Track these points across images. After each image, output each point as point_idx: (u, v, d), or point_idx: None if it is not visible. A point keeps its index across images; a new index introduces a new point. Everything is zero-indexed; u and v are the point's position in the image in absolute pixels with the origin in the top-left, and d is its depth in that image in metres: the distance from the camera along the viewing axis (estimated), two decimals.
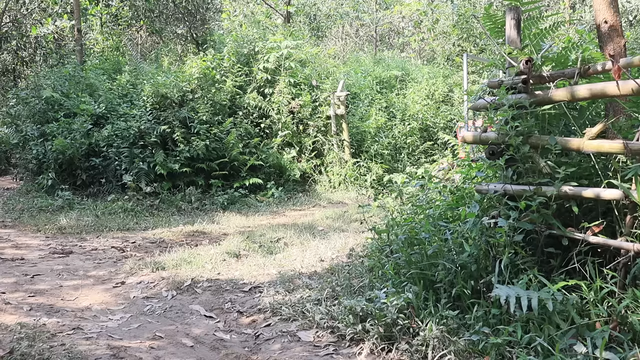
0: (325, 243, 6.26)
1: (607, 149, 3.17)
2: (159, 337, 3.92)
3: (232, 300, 4.64)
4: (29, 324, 4.00)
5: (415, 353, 3.24)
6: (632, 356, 2.72)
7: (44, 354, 3.42)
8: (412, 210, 4.96)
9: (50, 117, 10.89)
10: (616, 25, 3.69)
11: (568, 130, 3.75)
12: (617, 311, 2.94)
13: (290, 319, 4.05)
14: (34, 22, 16.97)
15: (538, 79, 3.56)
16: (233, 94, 11.90)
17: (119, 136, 10.30)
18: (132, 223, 8.48)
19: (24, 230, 8.15)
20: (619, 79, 3.01)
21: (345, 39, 25.02)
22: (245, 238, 6.74)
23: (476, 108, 4.03)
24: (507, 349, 3.01)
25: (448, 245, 3.86)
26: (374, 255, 4.70)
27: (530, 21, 3.92)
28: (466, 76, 9.71)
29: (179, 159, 10.26)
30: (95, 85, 11.72)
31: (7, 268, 5.82)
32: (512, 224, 3.35)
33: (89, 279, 5.47)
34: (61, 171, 10.53)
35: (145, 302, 4.73)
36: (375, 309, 3.63)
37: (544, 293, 2.97)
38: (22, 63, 17.83)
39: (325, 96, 12.16)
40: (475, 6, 17.20)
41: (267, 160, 11.29)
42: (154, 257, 6.14)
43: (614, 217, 3.26)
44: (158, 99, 10.77)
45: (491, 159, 3.67)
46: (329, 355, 3.48)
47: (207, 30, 16.39)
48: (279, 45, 12.33)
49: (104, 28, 16.62)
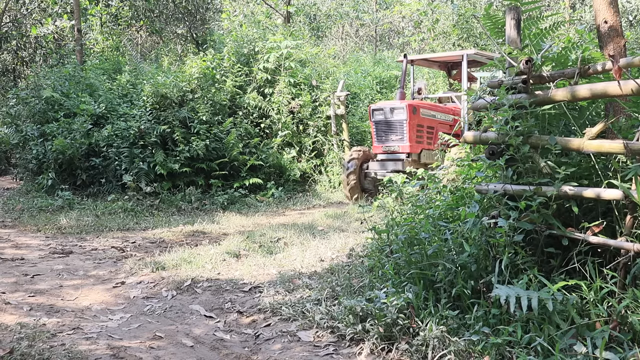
0: (325, 243, 6.26)
1: (607, 149, 3.17)
2: (159, 337, 3.92)
3: (232, 300, 4.64)
4: (29, 324, 4.00)
5: (415, 353, 3.24)
6: (632, 356, 2.72)
7: (44, 354, 3.43)
8: (412, 210, 4.96)
9: (50, 117, 10.89)
10: (616, 25, 3.69)
11: (568, 130, 3.75)
12: (617, 311, 2.94)
13: (290, 319, 4.05)
14: (34, 22, 16.98)
15: (538, 79, 3.56)
16: (233, 94, 11.90)
17: (119, 136, 10.30)
18: (132, 223, 8.48)
19: (24, 230, 8.15)
20: (619, 78, 3.01)
21: (345, 39, 25.03)
22: (245, 238, 6.74)
23: (476, 108, 4.03)
24: (507, 349, 3.01)
25: (448, 245, 3.86)
26: (374, 255, 4.70)
27: (530, 21, 3.92)
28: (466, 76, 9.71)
29: (179, 159, 10.27)
30: (95, 85, 11.72)
31: (7, 268, 5.82)
32: (512, 224, 3.35)
33: (89, 279, 5.47)
34: (61, 171, 10.53)
35: (145, 302, 4.73)
36: (375, 309, 3.63)
37: (544, 293, 2.97)
38: (22, 63, 17.84)
39: (325, 96, 12.16)
40: (475, 6, 17.20)
41: (267, 160, 11.30)
42: (154, 257, 6.14)
43: (614, 217, 3.26)
44: (158, 99, 10.77)
45: (491, 159, 3.67)
46: (329, 355, 3.48)
47: (207, 30, 16.40)
48: (279, 45, 12.33)
49: (104, 28, 16.62)
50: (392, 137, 9.42)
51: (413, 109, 9.31)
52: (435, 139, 9.47)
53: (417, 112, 9.38)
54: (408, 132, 9.21)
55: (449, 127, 9.82)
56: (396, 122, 9.33)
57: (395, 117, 9.34)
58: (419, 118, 9.38)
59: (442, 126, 9.76)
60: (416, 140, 9.35)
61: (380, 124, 9.53)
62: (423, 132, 9.47)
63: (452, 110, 10.10)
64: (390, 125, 9.42)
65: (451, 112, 10.05)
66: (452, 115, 9.98)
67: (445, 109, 10.09)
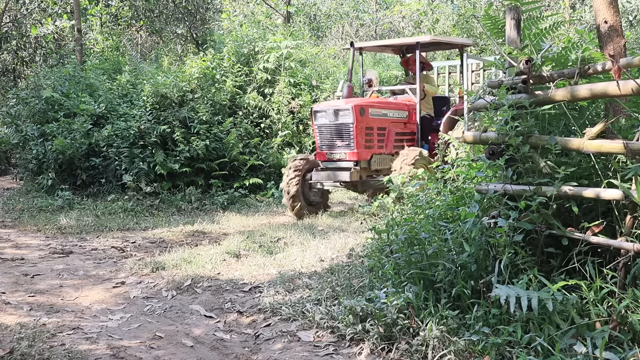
0: (325, 243, 6.26)
1: (607, 149, 3.17)
2: (159, 337, 3.92)
3: (232, 300, 4.64)
4: (29, 324, 4.00)
5: (415, 353, 3.25)
6: (632, 356, 2.72)
7: (44, 354, 3.43)
8: (412, 210, 4.96)
9: (50, 117, 10.89)
10: (616, 25, 3.69)
11: (568, 130, 3.75)
12: (617, 311, 2.94)
13: (290, 319, 4.05)
14: (34, 22, 16.97)
15: (538, 79, 3.56)
16: (233, 94, 11.91)
17: (119, 136, 10.30)
18: (132, 223, 8.48)
19: (24, 230, 8.16)
20: (619, 79, 3.01)
21: (345, 39, 25.00)
22: (245, 238, 6.74)
23: (476, 108, 4.03)
24: (507, 348, 3.01)
25: (448, 245, 3.86)
26: (374, 255, 4.70)
27: (530, 21, 3.92)
28: (466, 76, 9.69)
29: (179, 159, 10.27)
30: (95, 85, 11.72)
31: (7, 268, 5.83)
32: (512, 224, 3.35)
33: (89, 279, 5.47)
34: (61, 171, 10.53)
35: (145, 302, 4.74)
36: (375, 309, 3.63)
37: (544, 293, 2.97)
38: (22, 63, 17.84)
39: (325, 96, 12.16)
40: (475, 6, 17.20)
41: (267, 160, 11.29)
42: (154, 257, 6.14)
43: (614, 217, 3.26)
44: (158, 99, 10.78)
45: (491, 159, 3.67)
46: (329, 355, 3.48)
47: (207, 30, 16.40)
48: (279, 45, 12.33)
49: (104, 28, 16.62)
50: (337, 142, 8.15)
51: (360, 110, 8.02)
52: (388, 141, 8.41)
53: (366, 113, 8.11)
54: (355, 137, 7.95)
55: (404, 125, 8.69)
56: (341, 126, 8.06)
57: (340, 120, 8.06)
58: (367, 120, 8.12)
59: (396, 125, 8.58)
60: (365, 145, 8.11)
61: (324, 128, 8.25)
62: (373, 135, 8.24)
63: (407, 105, 8.79)
64: (335, 129, 8.15)
65: (405, 108, 8.76)
66: (406, 111, 8.73)
67: (399, 105, 8.78)
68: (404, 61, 9.47)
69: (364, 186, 8.36)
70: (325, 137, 8.28)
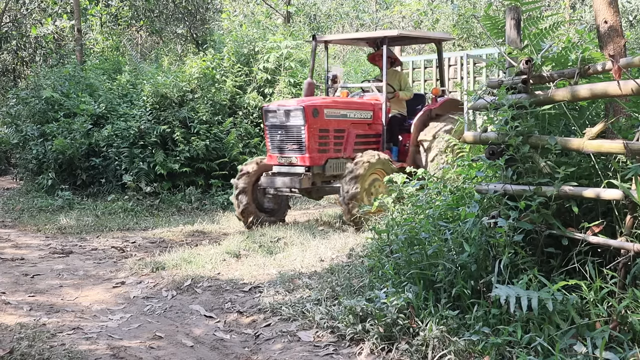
0: (325, 243, 6.26)
1: (607, 149, 3.17)
2: (159, 337, 3.92)
3: (232, 300, 4.64)
4: (29, 324, 4.00)
5: (415, 353, 3.25)
6: (632, 356, 2.72)
7: (44, 354, 3.43)
8: (412, 210, 4.96)
9: (50, 117, 10.88)
10: (616, 25, 3.69)
11: (568, 130, 3.75)
12: (617, 311, 2.94)
13: (290, 319, 4.05)
14: (34, 22, 16.97)
15: (538, 79, 3.56)
16: (233, 94, 11.90)
17: (119, 136, 10.30)
18: (132, 223, 8.49)
19: (24, 230, 8.16)
20: (619, 79, 3.01)
21: None
22: (245, 238, 6.74)
23: (476, 108, 4.03)
24: (507, 349, 3.02)
25: (448, 245, 3.86)
26: (374, 255, 4.70)
27: (530, 21, 3.92)
28: (466, 76, 9.69)
29: (179, 159, 10.26)
30: (95, 85, 11.72)
31: (7, 268, 5.83)
32: (512, 224, 3.35)
33: (89, 279, 5.47)
34: (61, 171, 10.53)
35: (145, 302, 4.74)
36: (375, 309, 3.63)
37: (544, 293, 2.98)
38: (22, 63, 17.84)
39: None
40: (475, 6, 17.20)
41: None
42: (154, 257, 6.14)
43: (614, 217, 3.27)
44: (158, 99, 10.77)
45: (491, 159, 3.67)
46: (329, 355, 3.48)
47: (207, 30, 16.39)
48: (279, 45, 12.32)
49: (104, 28, 16.61)
50: (288, 145, 7.45)
51: (313, 111, 7.29)
52: (347, 144, 7.66)
53: (320, 114, 7.36)
54: (307, 140, 7.22)
55: (367, 126, 7.88)
56: (292, 128, 7.37)
57: (291, 121, 7.36)
58: (322, 121, 7.39)
59: (357, 126, 7.78)
60: (319, 149, 7.39)
61: (274, 129, 7.55)
62: (329, 138, 7.51)
63: (372, 105, 7.94)
64: (285, 131, 7.45)
65: (370, 107, 7.92)
66: (371, 111, 7.87)
67: (363, 104, 7.99)
68: (371, 57, 8.59)
69: (319, 193, 7.77)
70: (275, 139, 7.58)
